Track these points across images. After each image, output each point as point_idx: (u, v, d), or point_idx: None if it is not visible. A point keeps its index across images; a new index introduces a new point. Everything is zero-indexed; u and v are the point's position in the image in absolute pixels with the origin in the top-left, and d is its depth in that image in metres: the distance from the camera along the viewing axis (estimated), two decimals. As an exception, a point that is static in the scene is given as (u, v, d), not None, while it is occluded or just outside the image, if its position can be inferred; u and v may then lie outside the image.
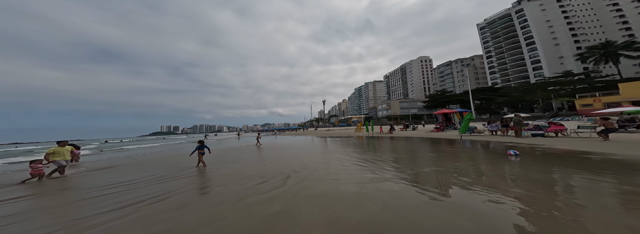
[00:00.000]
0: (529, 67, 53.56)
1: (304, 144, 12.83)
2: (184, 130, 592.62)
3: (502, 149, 6.55)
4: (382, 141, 11.81)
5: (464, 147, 7.25)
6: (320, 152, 7.97)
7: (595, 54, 34.95)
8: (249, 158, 7.37)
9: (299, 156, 7.13)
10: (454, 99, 49.85)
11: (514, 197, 2.55)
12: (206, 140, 28.82)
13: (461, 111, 15.78)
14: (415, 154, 6.34)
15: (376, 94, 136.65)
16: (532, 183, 3.10)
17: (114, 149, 18.59)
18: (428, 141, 10.04)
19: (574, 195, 2.59)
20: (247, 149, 11.15)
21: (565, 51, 47.33)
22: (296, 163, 5.75)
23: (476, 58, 77.75)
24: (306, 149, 9.71)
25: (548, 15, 49.03)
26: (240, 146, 13.16)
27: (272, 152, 8.73)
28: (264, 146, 12.70)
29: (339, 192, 3.08)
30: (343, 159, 6.01)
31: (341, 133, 24.09)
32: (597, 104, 27.14)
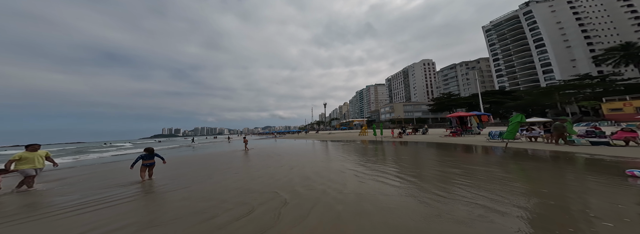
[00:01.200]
0: (538, 70, 51.87)
1: (306, 149, 11.26)
2: (185, 132, 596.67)
3: (591, 164, 4.45)
4: (395, 146, 10.23)
5: (525, 160, 5.24)
6: (327, 161, 6.54)
7: (614, 56, 33.15)
8: (235, 169, 5.80)
9: (299, 166, 5.77)
10: (462, 102, 47.88)
11: None
12: (194, 143, 26.40)
13: (479, 114, 14.17)
14: (465, 168, 4.42)
15: (378, 98, 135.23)
16: None
17: (89, 153, 18.23)
18: (455, 148, 8.18)
19: None
20: (235, 156, 9.43)
21: (578, 53, 45.66)
22: (296, 177, 4.33)
23: (482, 61, 76.37)
24: (308, 155, 8.27)
25: (559, 17, 47.73)
26: (228, 152, 11.51)
27: (267, 160, 7.19)
28: (260, 151, 11.18)
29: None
30: (360, 173, 4.46)
31: (344, 137, 22.53)
32: (628, 108, 25.04)
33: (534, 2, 51.35)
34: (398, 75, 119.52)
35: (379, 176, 4.07)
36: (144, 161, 4.61)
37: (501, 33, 61.31)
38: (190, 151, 15.13)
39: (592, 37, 45.26)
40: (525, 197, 2.57)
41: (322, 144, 14.03)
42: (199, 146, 20.79)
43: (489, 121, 14.60)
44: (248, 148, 12.41)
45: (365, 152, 8.47)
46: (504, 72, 61.48)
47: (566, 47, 47.05)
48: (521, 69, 56.44)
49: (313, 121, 79.44)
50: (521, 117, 7.21)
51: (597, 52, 44.63)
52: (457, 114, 15.66)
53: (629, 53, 31.81)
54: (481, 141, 10.62)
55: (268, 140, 26.24)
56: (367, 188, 3.23)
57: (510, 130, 7.37)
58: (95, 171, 7.00)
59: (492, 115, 14.96)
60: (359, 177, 4.05)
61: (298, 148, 11.84)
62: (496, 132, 10.53)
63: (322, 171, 4.87)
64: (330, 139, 19.38)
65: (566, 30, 47.07)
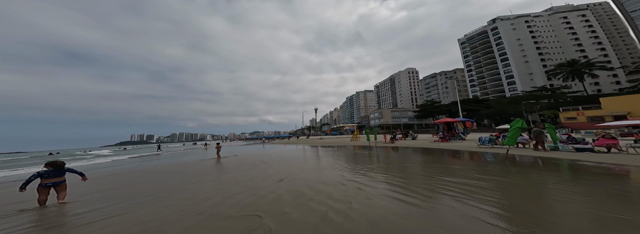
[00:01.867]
0: (504, 81, 58.46)
1: (297, 155, 10.45)
2: (160, 139, 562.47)
3: (599, 171, 4.22)
4: (390, 152, 10.03)
5: (531, 167, 5.04)
6: (322, 169, 5.84)
7: (563, 71, 38.91)
8: (205, 183, 4.65)
9: (290, 177, 4.87)
10: (443, 109, 52.32)
11: None
12: (160, 151, 22.59)
13: (464, 120, 15.10)
14: (486, 179, 3.88)
15: (367, 104, 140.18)
16: None
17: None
18: (454, 155, 7.94)
19: None
20: (209, 166, 8.10)
21: (534, 68, 52.58)
22: (286, 193, 3.50)
23: (458, 71, 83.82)
24: (300, 163, 7.55)
25: (518, 34, 54.97)
26: (200, 161, 10.06)
27: (251, 170, 6.20)
28: (243, 159, 10.05)
29: None
30: (364, 185, 3.82)
31: (336, 142, 22.63)
32: (581, 118, 27.82)
33: (500, 19, 58.69)
34: (386, 82, 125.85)
35: (388, 189, 3.42)
36: (45, 180, 3.43)
37: (474, 46, 68.45)
38: (153, 161, 12.70)
39: (544, 54, 52.55)
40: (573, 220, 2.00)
41: (314, 150, 13.32)
42: (167, 155, 18.22)
43: (472, 126, 15.61)
44: (221, 156, 11.30)
45: (362, 158, 7.98)
46: (476, 83, 68.10)
47: (525, 62, 53.99)
48: (490, 80, 63.06)
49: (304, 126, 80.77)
50: (522, 122, 6.85)
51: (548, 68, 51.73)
52: (444, 120, 16.16)
53: (574, 69, 37.65)
54: (472, 146, 10.53)
55: (255, 146, 25.55)
56: (379, 209, 2.53)
57: (511, 136, 6.86)
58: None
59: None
60: (364, 191, 3.39)
61: (288, 155, 10.98)
62: (486, 138, 10.36)
63: (319, 183, 4.08)
64: (322, 145, 19.02)
65: (524, 47, 54.22)
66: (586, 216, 2.18)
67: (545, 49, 52.91)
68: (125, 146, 55.44)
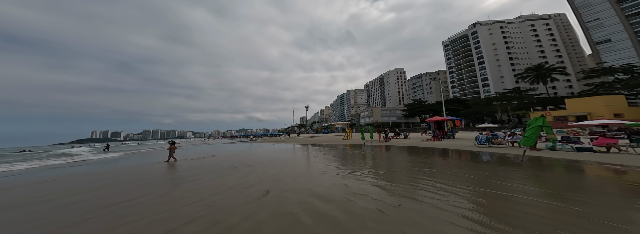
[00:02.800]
0: (479, 83, 64.01)
1: (287, 156, 9.31)
2: (129, 136, 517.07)
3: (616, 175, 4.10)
4: (388, 152, 9.75)
5: (557, 171, 4.70)
6: (319, 175, 4.97)
7: (531, 75, 43.88)
8: (131, 207, 3.10)
9: (278, 187, 3.90)
10: (429, 108, 56.28)
11: None
12: (108, 152, 17.28)
13: (453, 119, 15.59)
14: (538, 192, 3.15)
15: (357, 102, 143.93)
16: None
17: None
18: (460, 156, 7.49)
19: None
20: (163, 172, 6.25)
21: (505, 71, 58.38)
22: (272, 220, 2.43)
23: (441, 73, 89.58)
24: (291, 166, 6.51)
25: (494, 39, 60.40)
26: (156, 165, 7.96)
27: (227, 177, 5.10)
28: (222, 160, 8.39)
29: None
30: (386, 205, 2.74)
31: (328, 140, 22.14)
32: (548, 118, 29.05)
33: (479, 24, 63.71)
34: (375, 81, 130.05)
35: (427, 212, 2.42)
36: None
37: (456, 49, 73.58)
38: (78, 167, 9.27)
39: (513, 59, 58.45)
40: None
41: (307, 150, 12.54)
42: (114, 157, 13.81)
43: (460, 125, 16.13)
44: (175, 158, 8.91)
45: (360, 159, 7.37)
46: (456, 84, 73.66)
47: (498, 66, 59.64)
48: (468, 81, 68.66)
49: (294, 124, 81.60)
50: (543, 120, 6.17)
51: (516, 72, 57.61)
52: (435, 118, 16.21)
53: (539, 73, 42.68)
54: (468, 145, 10.43)
55: (241, 144, 23.60)
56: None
57: (530, 135, 6.04)
58: None
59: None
60: (387, 215, 2.37)
61: (277, 155, 9.77)
62: (483, 137, 10.22)
63: (317, 198, 3.06)
64: (314, 143, 18.42)
65: (498, 51, 59.79)
66: None
67: (515, 54, 58.88)
68: (73, 145, 49.59)
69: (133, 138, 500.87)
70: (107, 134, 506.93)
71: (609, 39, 39.23)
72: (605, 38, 39.67)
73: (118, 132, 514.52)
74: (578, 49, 68.14)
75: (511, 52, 58.90)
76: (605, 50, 39.90)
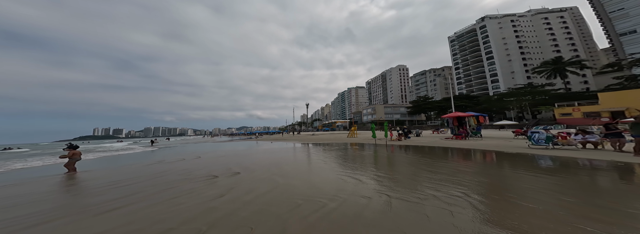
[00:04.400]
0: (488, 79, 61.25)
1: (285, 160, 7.13)
2: (131, 133, 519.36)
3: None
4: (411, 153, 7.95)
5: None
6: (352, 194, 3.11)
7: (547, 69, 41.07)
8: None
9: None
10: (435, 105, 53.58)
11: None
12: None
13: (477, 115, 13.56)
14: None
15: (358, 100, 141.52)
16: None
17: None
18: (527, 163, 5.25)
19: None
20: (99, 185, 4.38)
21: (515, 67, 55.52)
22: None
23: (446, 69, 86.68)
24: (290, 178, 4.35)
25: (504, 33, 57.34)
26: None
27: (161, 208, 2.89)
28: (201, 165, 6.74)
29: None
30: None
31: (331, 139, 20.25)
32: (576, 114, 27.32)
33: (488, 18, 60.57)
34: (377, 78, 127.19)
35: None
36: None
37: (462, 44, 70.57)
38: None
39: (525, 53, 55.53)
40: None
41: (309, 150, 10.61)
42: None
43: (485, 122, 13.99)
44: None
45: (390, 166, 5.42)
46: (462, 80, 70.84)
47: (508, 61, 56.77)
48: (476, 77, 65.87)
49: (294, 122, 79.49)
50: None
51: (528, 67, 54.73)
52: (455, 114, 14.33)
53: (557, 67, 39.83)
54: (514, 146, 8.50)
55: (239, 143, 21.70)
56: None
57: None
58: None
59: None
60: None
61: (273, 157, 8.15)
62: (542, 135, 8.11)
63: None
64: (316, 142, 16.61)
65: (509, 46, 56.81)
66: None
67: (527, 48, 55.94)
68: (69, 143, 30.61)
69: (135, 135, 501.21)
70: (109, 131, 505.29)
71: (634, 29, 36.37)
72: (630, 29, 36.80)
73: (120, 130, 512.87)
74: (591, 43, 65.04)
75: (523, 47, 55.95)
76: (629, 42, 37.09)
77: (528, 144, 8.57)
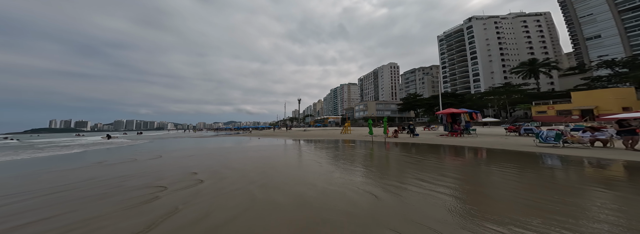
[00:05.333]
0: (471, 78, 64.36)
1: (271, 162, 5.88)
2: (98, 126, 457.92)
3: None
4: (415, 151, 7.59)
5: None
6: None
7: (524, 69, 43.87)
8: None
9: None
10: (424, 102, 55.37)
11: None
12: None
13: (470, 112, 13.56)
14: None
15: (350, 96, 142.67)
16: None
17: None
18: (536, 161, 5.01)
19: None
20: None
21: (495, 67, 58.91)
22: None
23: (434, 68, 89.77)
24: (273, 194, 2.99)
25: (487, 34, 60.21)
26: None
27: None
28: (142, 170, 5.07)
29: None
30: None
31: (324, 135, 19.52)
32: (550, 111, 28.99)
33: (475, 18, 62.95)
34: (369, 75, 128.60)
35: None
36: None
37: (450, 44, 73.12)
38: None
39: (504, 54, 58.94)
40: None
41: (303, 148, 9.39)
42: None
43: (477, 119, 13.76)
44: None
45: (403, 171, 4.48)
46: (448, 79, 73.84)
47: (489, 61, 59.97)
48: (460, 76, 69.00)
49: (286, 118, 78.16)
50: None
51: (506, 67, 58.21)
52: (449, 110, 14.30)
53: (533, 68, 42.67)
54: (521, 144, 8.05)
55: (223, 138, 20.14)
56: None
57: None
58: None
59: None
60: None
61: (261, 155, 7.08)
62: (550, 133, 7.86)
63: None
64: (309, 138, 15.54)
65: (490, 47, 59.88)
66: None
67: (506, 49, 59.41)
68: (10, 138, 33.06)
69: (102, 128, 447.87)
70: (70, 124, 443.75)
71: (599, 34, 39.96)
72: (596, 34, 40.38)
73: (84, 122, 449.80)
74: (557, 47, 70.66)
75: (503, 48, 59.32)
76: (594, 46, 40.74)
77: (535, 142, 8.23)
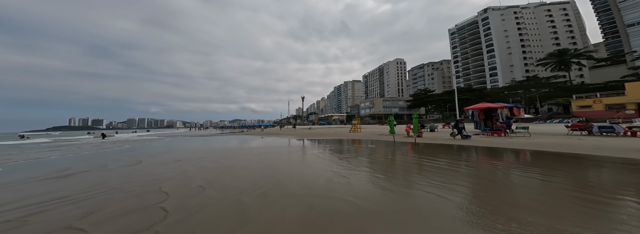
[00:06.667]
0: (487, 73, 59.71)
1: (277, 169, 4.48)
2: (113, 124, 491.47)
3: None
4: (437, 152, 6.03)
5: None
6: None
7: (552, 61, 39.34)
8: None
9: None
10: (437, 98, 51.17)
11: None
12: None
13: (511, 106, 11.17)
14: None
15: (354, 94, 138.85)
16: None
17: None
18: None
19: None
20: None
21: (515, 60, 54.02)
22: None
23: (444, 62, 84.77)
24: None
25: (506, 26, 55.12)
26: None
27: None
28: (102, 183, 3.68)
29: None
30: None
31: (331, 133, 17.90)
32: (597, 106, 25.06)
33: (491, 9, 57.82)
34: (374, 72, 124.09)
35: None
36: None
37: (463, 37, 68.14)
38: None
39: (525, 46, 53.93)
40: None
41: (317, 151, 7.39)
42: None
43: (519, 114, 11.28)
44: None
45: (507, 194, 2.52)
46: (461, 74, 69.13)
47: (508, 54, 55.11)
48: (475, 71, 64.31)
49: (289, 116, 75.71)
50: None
51: (527, 60, 53.32)
52: (482, 105, 11.84)
53: (563, 59, 38.07)
54: (621, 148, 5.41)
55: (226, 137, 18.85)
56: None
57: None
58: None
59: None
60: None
61: (262, 163, 5.30)
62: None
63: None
64: (316, 137, 14.01)
65: (510, 38, 54.91)
66: None
67: (527, 41, 54.34)
68: (23, 135, 35.90)
69: (116, 126, 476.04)
70: (88, 122, 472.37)
71: (643, 20, 34.95)
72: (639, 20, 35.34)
73: (100, 120, 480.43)
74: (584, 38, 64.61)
75: (524, 40, 54.28)
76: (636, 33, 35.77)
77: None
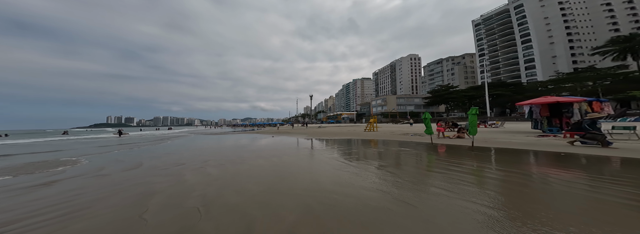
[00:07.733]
0: (521, 66, 52.14)
1: (292, 182, 2.77)
2: (142, 122, 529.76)
3: None
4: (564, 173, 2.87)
5: None
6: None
7: (615, 49, 32.08)
8: None
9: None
10: (461, 95, 44.50)
11: None
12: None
13: (590, 100, 8.06)
14: None
15: (364, 92, 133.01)
16: None
17: None
18: None
19: None
20: None
21: (559, 50, 46.15)
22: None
23: (466, 56, 76.74)
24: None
25: (547, 12, 47.21)
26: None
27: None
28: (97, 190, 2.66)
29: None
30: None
31: (344, 133, 15.73)
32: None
33: (524, -4, 50.01)
34: (385, 69, 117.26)
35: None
36: None
37: (490, 28, 60.43)
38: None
39: (572, 35, 45.78)
40: None
41: (335, 154, 5.55)
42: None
43: (603, 110, 8.11)
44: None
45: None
46: (487, 68, 61.37)
47: (550, 44, 47.26)
48: (505, 64, 56.67)
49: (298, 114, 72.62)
50: None
51: (575, 50, 45.24)
52: (545, 98, 8.90)
53: (630, 45, 30.69)
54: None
55: (236, 136, 17.39)
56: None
57: None
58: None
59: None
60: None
61: (275, 171, 3.64)
62: None
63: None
64: (331, 137, 12.16)
65: (552, 26, 47.00)
66: None
67: (575, 28, 46.06)
68: (63, 132, 33.99)
69: (145, 124, 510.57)
70: (121, 120, 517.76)
71: None
72: None
73: (131, 118, 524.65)
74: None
75: (570, 27, 46.03)
76: None
77: None
